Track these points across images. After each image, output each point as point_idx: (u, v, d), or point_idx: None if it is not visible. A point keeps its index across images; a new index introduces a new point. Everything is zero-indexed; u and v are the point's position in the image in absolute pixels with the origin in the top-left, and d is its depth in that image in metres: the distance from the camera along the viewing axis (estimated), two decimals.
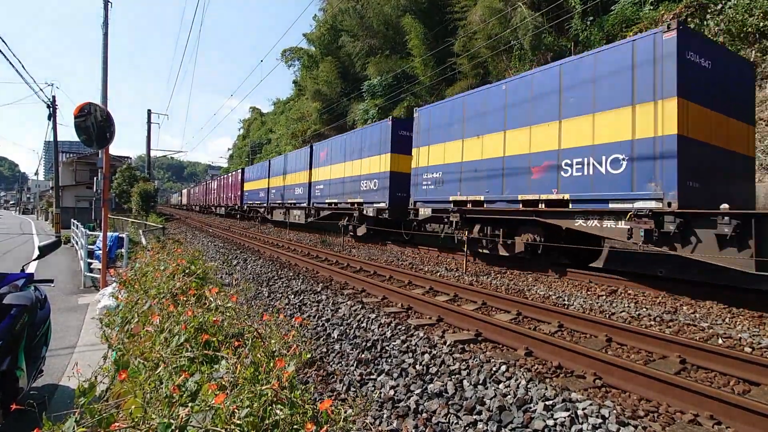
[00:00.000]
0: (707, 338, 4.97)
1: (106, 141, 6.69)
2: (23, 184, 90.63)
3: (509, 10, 16.94)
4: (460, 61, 19.47)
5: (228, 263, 10.79)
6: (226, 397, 1.35)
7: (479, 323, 5.22)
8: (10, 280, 2.92)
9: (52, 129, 20.63)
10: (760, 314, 5.81)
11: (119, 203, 28.20)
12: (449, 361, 4.10)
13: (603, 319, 5.29)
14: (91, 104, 6.52)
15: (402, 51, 24.24)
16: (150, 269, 3.84)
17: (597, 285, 7.83)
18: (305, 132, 33.19)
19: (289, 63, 39.91)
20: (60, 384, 3.72)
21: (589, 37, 15.50)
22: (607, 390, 3.70)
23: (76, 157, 36.25)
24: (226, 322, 2.24)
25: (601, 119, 7.42)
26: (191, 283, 3.07)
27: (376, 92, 24.32)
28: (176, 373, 1.65)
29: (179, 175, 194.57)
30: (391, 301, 6.73)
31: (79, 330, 5.43)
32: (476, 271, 9.69)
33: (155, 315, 2.34)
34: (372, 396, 3.61)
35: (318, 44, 32.94)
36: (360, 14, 26.65)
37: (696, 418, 3.15)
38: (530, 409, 3.19)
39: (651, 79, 6.71)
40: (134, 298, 3.16)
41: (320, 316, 5.92)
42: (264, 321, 2.21)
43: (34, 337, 2.94)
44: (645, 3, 14.27)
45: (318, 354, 4.64)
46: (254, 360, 1.69)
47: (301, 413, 1.40)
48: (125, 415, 1.45)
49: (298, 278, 8.48)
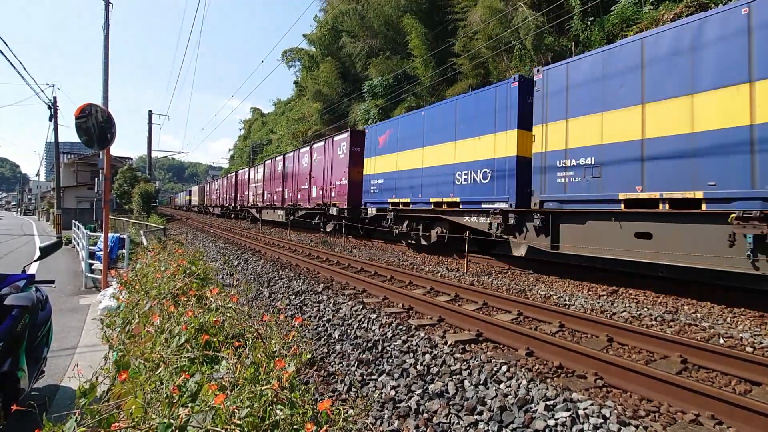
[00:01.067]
0: (708, 338, 4.96)
1: (107, 142, 6.69)
2: (24, 185, 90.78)
3: (510, 10, 16.94)
4: (461, 62, 19.47)
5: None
6: (227, 397, 1.35)
7: (480, 323, 5.21)
8: (11, 281, 2.92)
9: (53, 130, 20.68)
10: (762, 314, 5.80)
11: (120, 204, 28.22)
12: (450, 361, 4.09)
13: (604, 319, 5.29)
14: (92, 105, 6.53)
15: (402, 51, 24.24)
16: (151, 270, 3.84)
17: (598, 285, 7.82)
18: (306, 132, 33.20)
19: (289, 63, 39.86)
20: (61, 385, 3.73)
21: (589, 37, 15.48)
22: (609, 390, 3.70)
23: (77, 158, 36.33)
24: (226, 322, 2.24)
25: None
26: (192, 284, 3.07)
27: (376, 92, 24.31)
28: (176, 373, 1.65)
29: (180, 176, 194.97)
30: (392, 301, 6.73)
31: (80, 331, 5.44)
32: (477, 271, 9.68)
33: (156, 316, 2.34)
34: (373, 396, 3.61)
35: (318, 45, 32.93)
36: (360, 15, 26.65)
37: (697, 418, 3.14)
38: (531, 409, 3.19)
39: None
40: (135, 298, 3.16)
41: (321, 317, 5.92)
42: (264, 321, 2.21)
43: (35, 338, 2.94)
44: (645, 3, 14.25)
45: (319, 354, 4.64)
46: (254, 360, 1.69)
47: (301, 413, 1.40)
48: (126, 416, 1.45)
49: (299, 278, 8.49)
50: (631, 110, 6.91)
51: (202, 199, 50.89)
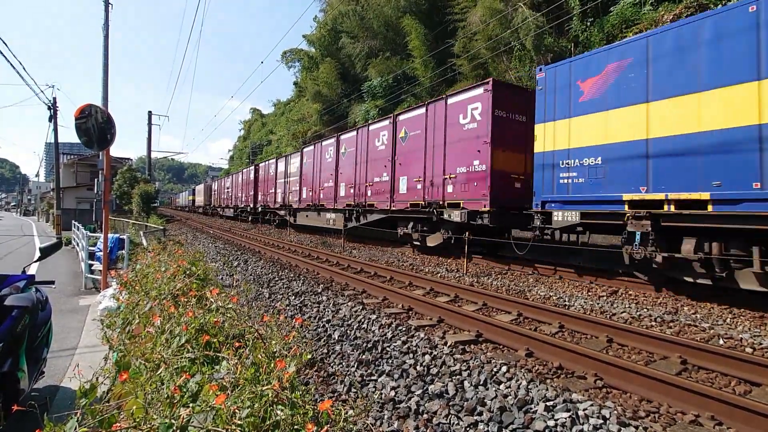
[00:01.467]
0: (708, 339, 4.97)
1: (106, 143, 6.69)
2: (24, 186, 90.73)
3: (510, 11, 16.96)
4: (460, 62, 19.50)
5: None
6: (227, 397, 1.35)
7: (480, 324, 5.21)
8: (11, 281, 2.92)
9: (53, 130, 20.68)
10: (761, 315, 5.80)
11: (120, 205, 28.23)
12: (450, 361, 4.10)
13: (604, 320, 5.29)
14: (92, 106, 6.53)
15: (402, 52, 24.27)
16: (151, 271, 3.84)
17: (598, 286, 7.83)
18: (305, 133, 33.21)
19: (289, 64, 39.89)
20: (61, 385, 3.73)
21: (589, 38, 15.50)
22: (608, 390, 3.70)
23: (77, 158, 36.34)
24: (227, 323, 2.25)
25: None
26: (192, 285, 3.07)
27: (376, 93, 24.32)
28: (177, 373, 1.65)
29: (180, 177, 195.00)
30: (391, 302, 6.73)
31: (80, 331, 5.44)
32: (477, 272, 9.68)
33: (156, 316, 2.34)
34: (373, 397, 3.61)
35: (318, 45, 32.96)
36: (360, 15, 26.67)
37: (697, 418, 3.14)
38: (531, 409, 3.19)
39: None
40: (135, 299, 3.16)
41: (321, 318, 5.92)
42: (265, 322, 2.22)
43: (35, 339, 2.94)
44: (645, 3, 14.28)
45: (319, 355, 4.64)
46: (255, 361, 1.69)
47: (301, 414, 1.40)
48: (126, 416, 1.46)
49: (299, 279, 8.49)
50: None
51: (209, 198, 45.15)
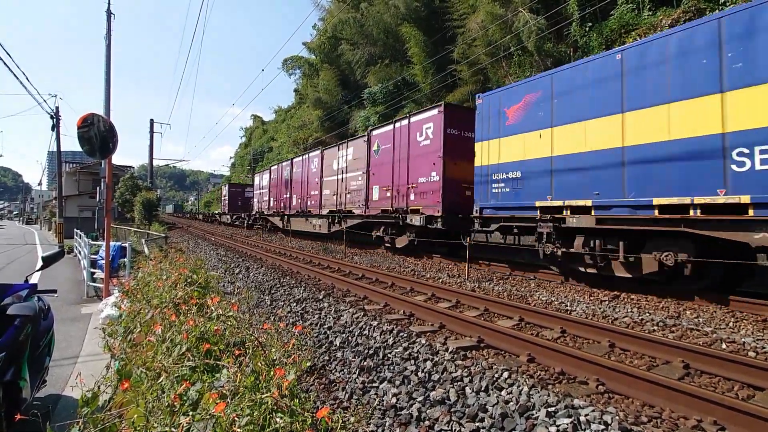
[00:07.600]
0: (711, 343, 4.95)
1: (108, 151, 6.74)
2: (27, 195, 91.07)
3: (510, 16, 17.08)
4: (460, 68, 19.60)
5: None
6: (227, 405, 1.36)
7: (481, 330, 5.20)
8: (13, 290, 2.94)
9: (55, 139, 20.81)
10: (764, 318, 5.78)
11: (122, 213, 28.32)
12: (451, 368, 4.09)
13: (606, 325, 5.27)
14: (94, 115, 6.59)
15: (402, 59, 24.42)
16: (152, 279, 3.86)
17: (599, 290, 7.81)
18: (306, 140, 33.35)
19: (290, 72, 40.17)
20: (63, 394, 3.73)
21: (588, 43, 15.59)
22: (610, 396, 3.68)
23: (79, 167, 36.50)
24: (227, 331, 2.26)
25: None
26: (193, 293, 3.09)
27: (376, 100, 24.45)
28: (178, 382, 1.66)
29: (181, 184, 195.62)
30: (393, 308, 6.73)
31: (82, 340, 5.45)
32: (478, 277, 9.67)
33: (157, 324, 2.35)
34: (374, 404, 3.61)
35: (318, 53, 33.21)
36: (360, 23, 26.88)
37: (699, 423, 3.13)
38: (533, 415, 3.18)
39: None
40: (137, 307, 3.18)
41: (322, 324, 5.92)
42: (265, 330, 2.23)
43: (37, 348, 2.95)
44: (644, 8, 14.37)
45: (320, 362, 4.63)
46: (255, 369, 1.70)
47: (300, 421, 1.41)
48: (128, 424, 1.47)
49: (300, 286, 8.49)
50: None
51: None
